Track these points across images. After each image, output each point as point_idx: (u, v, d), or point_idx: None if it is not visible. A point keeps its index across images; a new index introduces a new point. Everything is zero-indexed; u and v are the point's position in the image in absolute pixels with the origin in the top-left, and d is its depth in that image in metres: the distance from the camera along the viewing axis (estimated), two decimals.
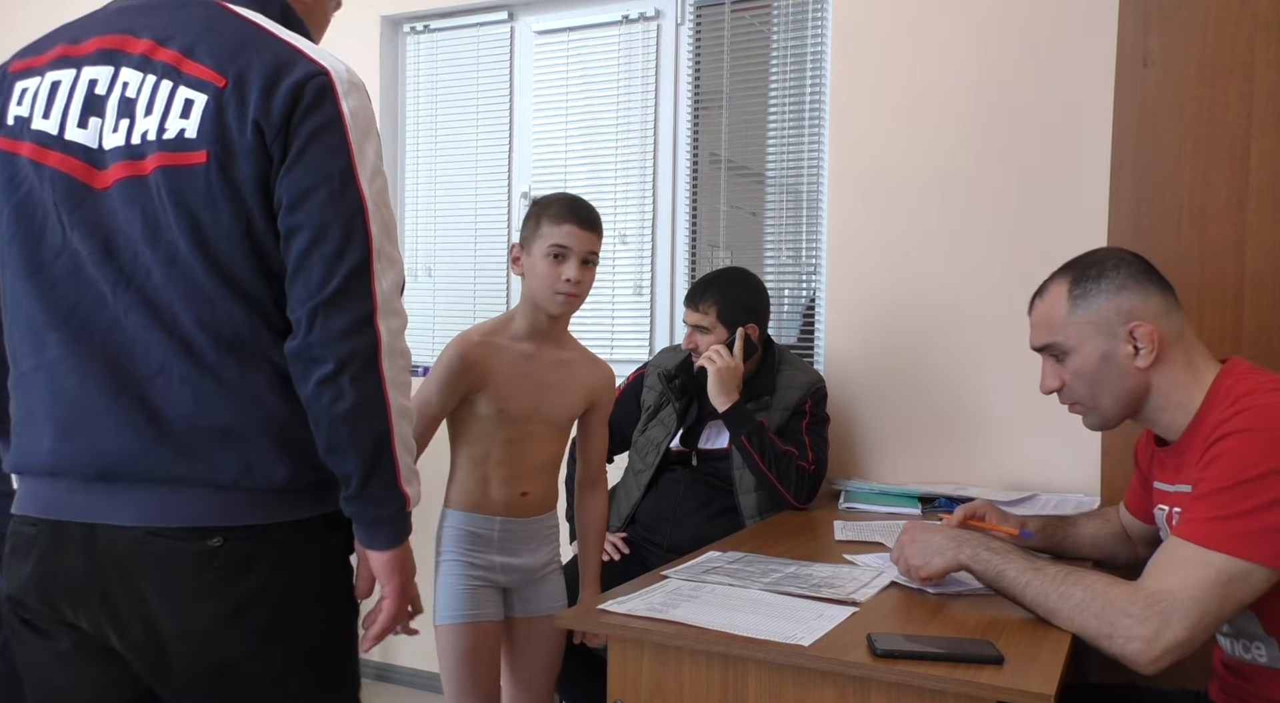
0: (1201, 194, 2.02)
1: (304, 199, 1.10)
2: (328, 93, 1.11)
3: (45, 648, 1.19)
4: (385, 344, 1.14)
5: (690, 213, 2.93)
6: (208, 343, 1.13)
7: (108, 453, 1.12)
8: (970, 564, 1.48)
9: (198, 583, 1.12)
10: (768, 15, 2.82)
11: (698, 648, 1.34)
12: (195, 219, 1.10)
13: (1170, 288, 1.50)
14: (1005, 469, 2.48)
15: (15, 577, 1.18)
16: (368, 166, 1.14)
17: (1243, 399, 1.37)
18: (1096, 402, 1.52)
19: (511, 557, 1.90)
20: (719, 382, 2.27)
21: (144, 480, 1.12)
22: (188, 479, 1.12)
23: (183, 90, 1.10)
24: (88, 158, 1.13)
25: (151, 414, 1.12)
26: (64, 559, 1.14)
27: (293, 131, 1.10)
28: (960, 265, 2.52)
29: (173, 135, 1.10)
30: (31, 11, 3.24)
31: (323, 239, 1.11)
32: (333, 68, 1.13)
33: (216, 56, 1.11)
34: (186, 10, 1.15)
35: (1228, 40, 1.98)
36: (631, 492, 2.46)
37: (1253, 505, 1.29)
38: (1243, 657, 1.45)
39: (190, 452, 1.12)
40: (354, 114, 1.13)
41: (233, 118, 1.09)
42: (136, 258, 1.12)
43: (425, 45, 3.29)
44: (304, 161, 1.10)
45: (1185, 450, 1.46)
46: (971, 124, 2.50)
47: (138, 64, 1.13)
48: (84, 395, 1.13)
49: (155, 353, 1.12)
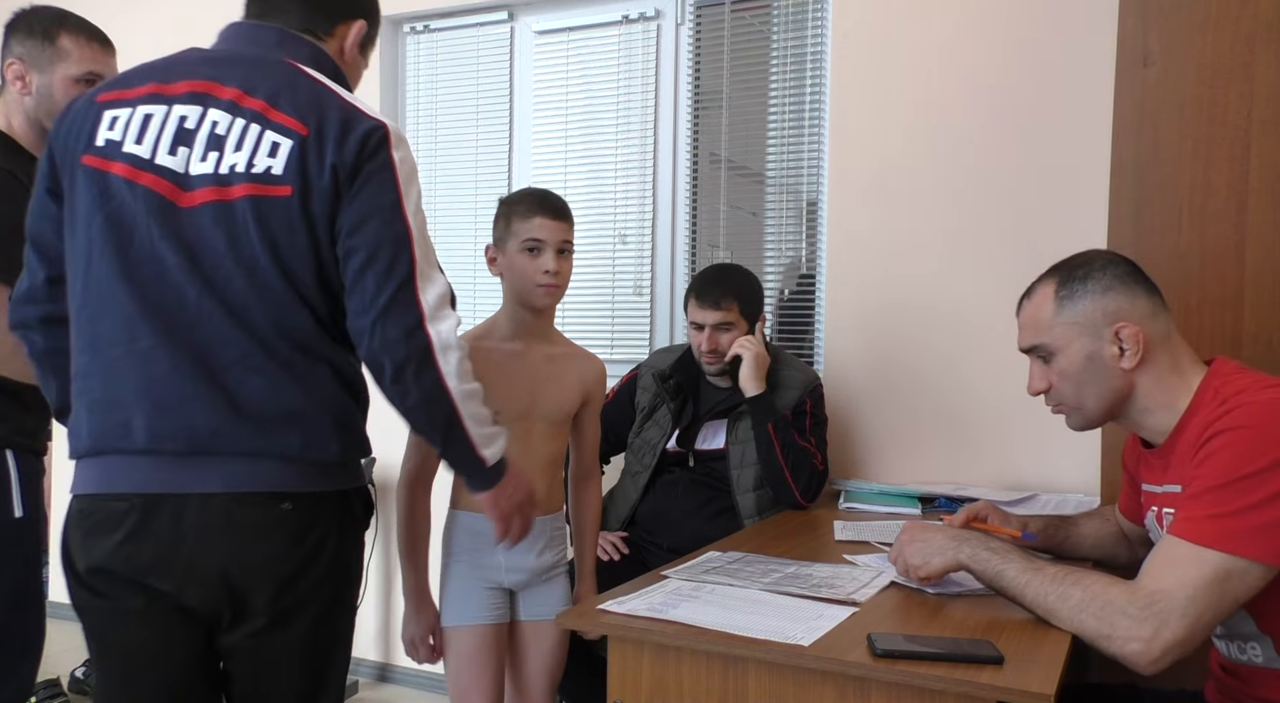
0: (1201, 194, 2.02)
1: (360, 226, 1.34)
2: (385, 143, 1.37)
3: (118, 614, 1.36)
4: (437, 344, 1.34)
5: (690, 213, 2.93)
6: (281, 342, 1.34)
7: (197, 430, 1.31)
8: (970, 564, 1.48)
9: (272, 542, 1.34)
10: (768, 15, 2.82)
11: (698, 648, 1.34)
12: (275, 241, 1.33)
13: (1157, 290, 1.50)
14: (1005, 469, 2.48)
15: (97, 550, 1.34)
16: (411, 203, 1.37)
17: (1233, 398, 1.37)
18: (1080, 402, 1.52)
19: (517, 557, 1.90)
20: (756, 368, 2.30)
21: (226, 454, 1.32)
22: (263, 452, 1.33)
23: (269, 134, 1.34)
24: (175, 180, 1.35)
25: (230, 398, 1.32)
26: (155, 529, 1.32)
27: (358, 173, 1.35)
28: (960, 265, 2.52)
29: (261, 170, 1.33)
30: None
31: (374, 259, 1.33)
32: (388, 123, 1.39)
33: (297, 108, 1.35)
34: (265, 66, 1.40)
35: (1228, 40, 1.98)
36: (629, 494, 2.46)
37: (1248, 502, 1.29)
38: (1238, 658, 1.46)
39: (265, 430, 1.33)
40: (402, 161, 1.38)
41: (313, 161, 1.33)
42: (219, 268, 1.33)
43: (425, 45, 3.30)
44: (362, 197, 1.35)
45: (1172, 451, 1.46)
46: (971, 124, 2.50)
47: (227, 107, 1.36)
48: (174, 380, 1.32)
49: (234, 348, 1.33)
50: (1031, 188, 2.44)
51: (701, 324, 2.35)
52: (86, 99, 1.42)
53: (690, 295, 2.40)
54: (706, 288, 2.37)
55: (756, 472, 2.33)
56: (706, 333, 2.35)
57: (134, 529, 1.32)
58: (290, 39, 1.45)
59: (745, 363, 2.31)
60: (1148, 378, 1.47)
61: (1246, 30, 1.97)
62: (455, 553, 1.91)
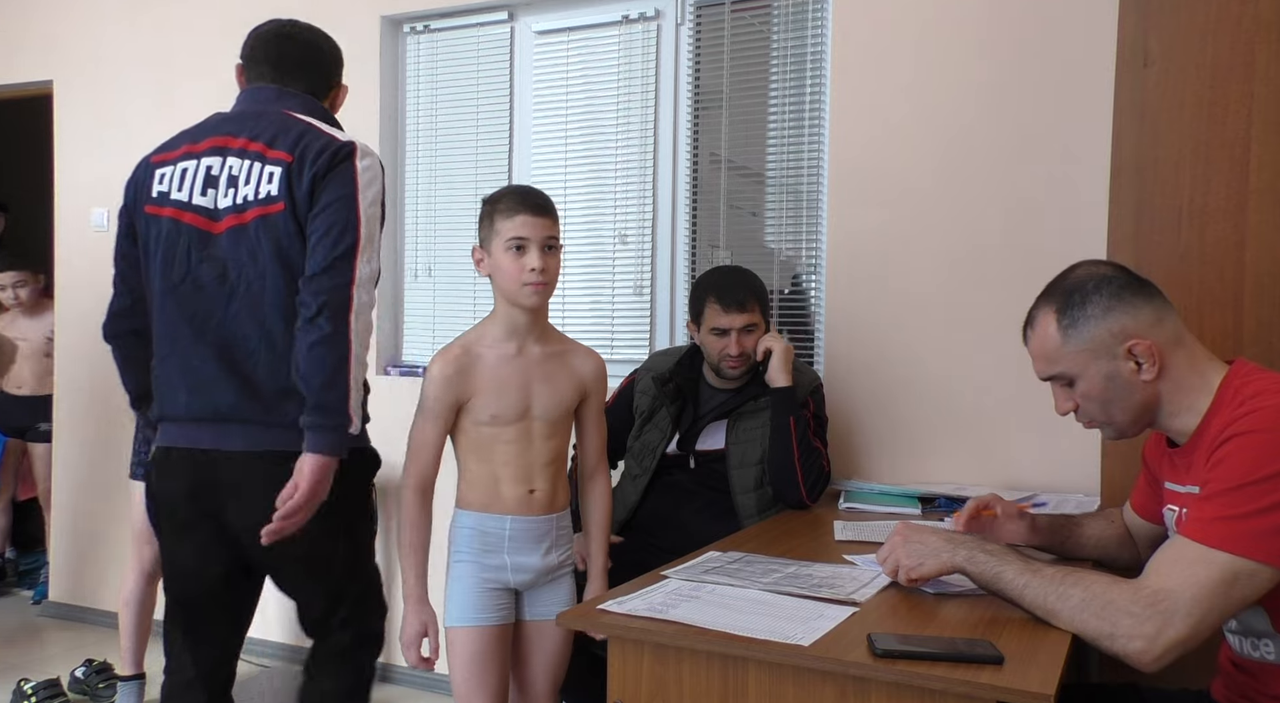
0: (1201, 194, 2.02)
1: (322, 211, 1.78)
2: (350, 155, 1.81)
3: (183, 537, 1.91)
4: (355, 303, 1.75)
5: (690, 213, 2.93)
6: (286, 333, 1.79)
7: (221, 405, 1.83)
8: (966, 567, 1.47)
9: (277, 489, 1.75)
10: (768, 15, 2.82)
11: (698, 648, 1.34)
12: (279, 247, 1.79)
13: (1155, 291, 1.50)
14: (1005, 469, 2.48)
15: (168, 489, 1.90)
16: (366, 199, 1.80)
17: (1250, 400, 1.37)
18: (1110, 418, 1.52)
19: (522, 557, 1.90)
20: (786, 360, 2.31)
21: (244, 422, 1.82)
22: (273, 422, 1.81)
23: (268, 167, 1.80)
24: (208, 215, 1.84)
25: (245, 381, 1.82)
26: (201, 473, 1.86)
27: (326, 177, 1.78)
28: (960, 265, 2.52)
29: (264, 195, 1.80)
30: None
31: (327, 234, 1.76)
32: (356, 142, 1.83)
33: (287, 144, 1.81)
34: (266, 117, 1.87)
35: (1228, 40, 1.98)
36: (629, 496, 2.44)
37: (1260, 506, 1.29)
38: (1251, 654, 1.46)
39: (271, 405, 1.81)
40: (364, 169, 1.81)
41: (296, 179, 1.78)
42: (241, 276, 1.81)
43: (425, 45, 3.30)
44: (327, 191, 1.78)
45: (1194, 451, 1.46)
46: (971, 124, 2.50)
47: (238, 153, 1.84)
48: (205, 370, 1.83)
49: (250, 342, 1.81)
50: (1031, 188, 2.44)
51: (726, 329, 2.32)
52: (144, 162, 1.94)
53: (710, 301, 2.34)
54: (731, 292, 2.33)
55: (756, 472, 2.33)
56: (734, 337, 2.32)
57: (186, 471, 1.87)
58: (285, 94, 1.93)
59: (776, 355, 2.31)
60: (1169, 384, 1.47)
61: (1247, 30, 1.96)
62: (460, 553, 1.91)
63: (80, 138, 3.83)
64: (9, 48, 3.98)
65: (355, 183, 1.78)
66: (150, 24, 3.66)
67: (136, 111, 3.67)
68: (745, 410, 2.36)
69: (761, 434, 2.33)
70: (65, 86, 3.86)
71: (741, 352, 2.33)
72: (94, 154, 3.77)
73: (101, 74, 3.77)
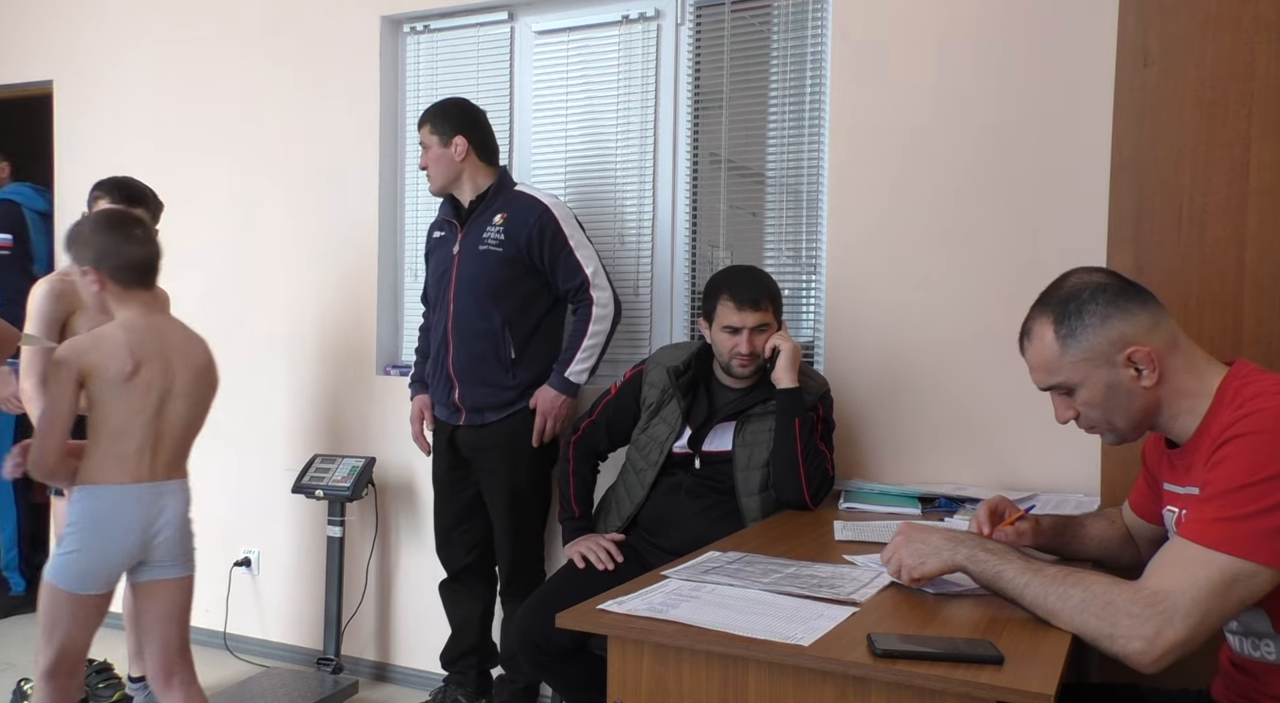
0: (1201, 194, 2.02)
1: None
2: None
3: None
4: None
5: (690, 213, 2.93)
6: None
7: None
8: (967, 566, 1.47)
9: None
10: (768, 15, 2.82)
11: (698, 648, 1.34)
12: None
13: (1149, 296, 1.49)
14: (1005, 469, 2.48)
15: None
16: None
17: (1250, 402, 1.37)
18: (1112, 425, 1.52)
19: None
20: (793, 360, 2.32)
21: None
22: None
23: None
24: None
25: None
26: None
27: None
28: (960, 265, 2.52)
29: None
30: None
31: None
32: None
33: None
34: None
35: (1228, 40, 1.98)
36: (635, 491, 2.43)
37: (1260, 507, 1.29)
38: (1251, 655, 1.46)
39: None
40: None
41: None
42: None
43: (425, 45, 3.30)
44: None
45: (1194, 452, 1.46)
46: (971, 124, 2.50)
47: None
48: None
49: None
50: (1032, 187, 2.44)
51: (739, 327, 2.31)
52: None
53: (724, 298, 2.33)
54: (745, 290, 2.33)
55: (762, 475, 2.32)
56: (745, 336, 2.31)
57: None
58: None
59: (783, 355, 2.31)
60: (1169, 388, 1.47)
61: (1247, 30, 1.97)
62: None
63: (80, 138, 3.83)
64: (9, 48, 3.98)
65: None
66: (150, 24, 3.66)
67: (136, 112, 3.67)
68: (754, 413, 2.36)
69: (769, 437, 2.33)
70: (65, 86, 3.87)
71: (752, 350, 2.32)
72: (94, 154, 3.78)
73: (101, 74, 3.77)
